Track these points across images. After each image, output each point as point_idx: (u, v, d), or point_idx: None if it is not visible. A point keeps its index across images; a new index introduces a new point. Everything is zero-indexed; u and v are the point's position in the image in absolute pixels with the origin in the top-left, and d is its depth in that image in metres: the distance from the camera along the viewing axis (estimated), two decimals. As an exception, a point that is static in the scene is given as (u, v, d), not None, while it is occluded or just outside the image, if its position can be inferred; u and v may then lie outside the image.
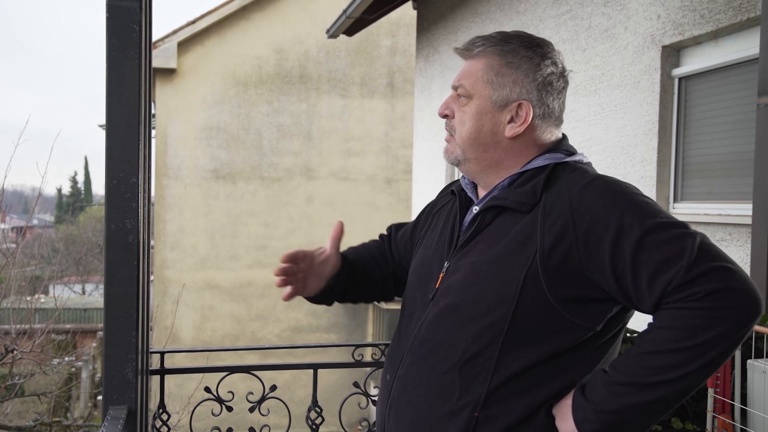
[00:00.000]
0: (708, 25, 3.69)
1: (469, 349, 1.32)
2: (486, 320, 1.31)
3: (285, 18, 10.89)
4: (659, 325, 1.22)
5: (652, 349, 1.21)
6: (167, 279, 10.59)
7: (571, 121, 4.96)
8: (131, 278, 1.72)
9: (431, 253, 1.49)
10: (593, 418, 1.25)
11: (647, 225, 1.23)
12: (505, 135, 1.41)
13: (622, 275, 1.24)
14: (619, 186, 1.31)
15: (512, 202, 1.36)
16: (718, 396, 2.45)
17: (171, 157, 10.66)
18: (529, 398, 1.31)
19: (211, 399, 2.33)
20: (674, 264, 1.19)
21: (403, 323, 1.50)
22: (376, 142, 11.32)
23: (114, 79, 1.69)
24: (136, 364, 1.74)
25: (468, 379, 1.32)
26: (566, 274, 1.27)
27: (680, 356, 1.19)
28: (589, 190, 1.30)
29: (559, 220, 1.29)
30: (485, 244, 1.37)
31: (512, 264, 1.31)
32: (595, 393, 1.26)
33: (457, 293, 1.36)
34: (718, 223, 3.62)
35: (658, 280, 1.20)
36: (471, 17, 6.54)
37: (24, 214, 23.43)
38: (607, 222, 1.25)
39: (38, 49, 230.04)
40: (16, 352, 5.08)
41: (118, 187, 1.72)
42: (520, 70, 1.40)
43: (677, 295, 1.19)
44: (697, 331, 1.17)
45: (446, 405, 1.33)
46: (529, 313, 1.29)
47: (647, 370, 1.21)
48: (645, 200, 1.29)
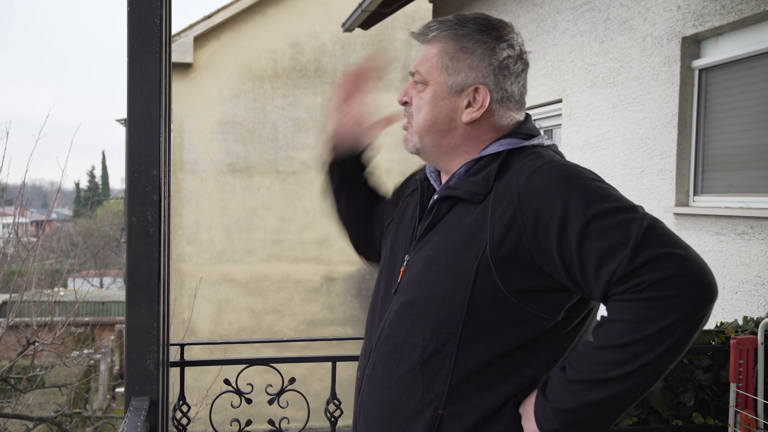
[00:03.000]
0: (729, 15, 3.64)
1: (428, 347, 1.29)
2: (441, 316, 1.28)
3: (300, 12, 10.89)
4: (609, 319, 1.18)
5: (603, 343, 1.17)
6: (184, 272, 10.66)
7: (589, 114, 4.92)
8: (152, 270, 1.73)
9: (396, 243, 1.47)
10: (552, 418, 1.21)
11: (592, 211, 1.17)
12: (462, 120, 1.38)
13: (570, 264, 1.19)
14: (568, 170, 1.25)
15: (464, 192, 1.32)
16: (741, 391, 2.42)
17: (187, 151, 10.71)
18: (495, 393, 1.28)
19: (230, 391, 2.34)
20: (618, 252, 1.14)
21: (373, 317, 1.47)
22: (392, 136, 11.18)
23: (135, 73, 1.70)
24: (158, 356, 1.75)
25: (429, 376, 1.30)
26: (517, 265, 1.23)
27: (631, 350, 1.14)
28: (537, 177, 1.24)
29: (507, 210, 1.24)
30: (440, 236, 1.34)
31: (464, 257, 1.27)
32: (552, 391, 1.22)
33: (414, 289, 1.34)
34: (739, 216, 3.58)
35: (603, 269, 1.15)
36: (487, 10, 6.50)
37: (43, 209, 23.65)
38: (552, 209, 1.20)
39: (55, 44, 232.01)
40: (38, 344, 5.14)
41: (139, 179, 1.72)
42: (475, 55, 1.37)
43: (622, 286, 1.14)
44: (645, 323, 1.12)
45: (410, 403, 1.32)
46: (485, 306, 1.25)
47: (599, 366, 1.17)
48: (595, 185, 1.23)
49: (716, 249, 3.70)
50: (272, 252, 10.98)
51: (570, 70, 5.19)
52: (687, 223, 3.93)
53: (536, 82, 5.67)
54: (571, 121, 5.20)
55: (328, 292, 11.24)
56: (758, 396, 2.43)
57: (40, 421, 5.43)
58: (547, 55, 5.50)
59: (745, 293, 3.53)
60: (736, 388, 2.43)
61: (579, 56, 5.06)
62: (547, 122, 5.79)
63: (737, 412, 2.43)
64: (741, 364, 2.42)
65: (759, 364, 2.44)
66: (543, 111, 5.74)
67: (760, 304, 3.41)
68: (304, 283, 11.13)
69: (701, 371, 2.52)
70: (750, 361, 2.43)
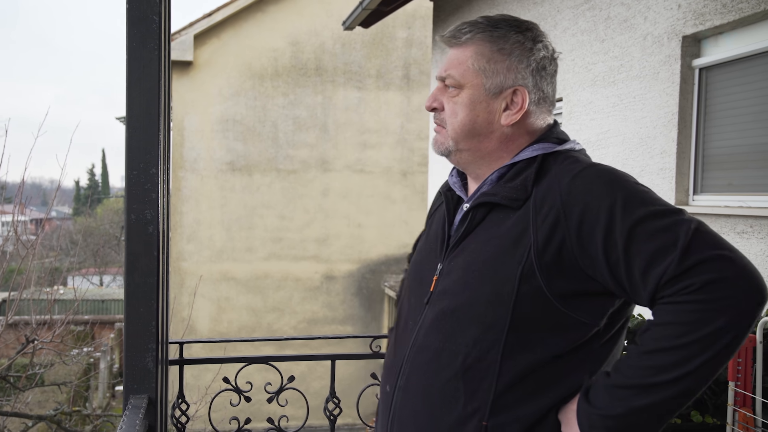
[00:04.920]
0: (730, 14, 3.64)
1: (470, 354, 1.26)
2: (485, 323, 1.25)
3: (301, 10, 10.89)
4: (658, 322, 1.16)
5: (652, 347, 1.15)
6: (184, 271, 10.67)
7: (589, 113, 4.92)
8: (151, 268, 1.73)
9: (424, 256, 1.45)
10: (599, 424, 1.19)
11: (639, 214, 1.17)
12: (501, 123, 1.35)
13: (616, 266, 1.18)
14: (611, 174, 1.26)
15: (503, 198, 1.30)
16: (739, 389, 2.42)
17: (188, 150, 10.71)
18: (537, 403, 1.25)
19: (229, 389, 2.34)
20: (667, 254, 1.13)
21: (399, 329, 1.43)
22: (392, 135, 11.30)
23: (134, 70, 1.70)
24: (157, 354, 1.75)
25: (472, 386, 1.26)
26: (562, 269, 1.22)
27: (682, 353, 1.12)
28: (580, 180, 1.24)
29: (551, 214, 1.23)
30: (477, 243, 1.31)
31: (507, 262, 1.25)
32: (598, 398, 1.20)
33: (453, 296, 1.30)
34: (738, 216, 3.58)
35: (652, 272, 1.15)
36: (488, 8, 6.49)
37: (43, 207, 23.67)
38: (598, 212, 1.19)
39: (57, 42, 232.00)
40: (37, 342, 5.14)
41: (138, 177, 1.72)
42: (513, 56, 1.35)
43: (672, 288, 1.13)
44: (696, 325, 1.11)
45: (452, 414, 1.27)
46: (529, 312, 1.23)
47: (649, 370, 1.15)
48: (638, 188, 1.23)
49: (716, 248, 3.70)
50: (272, 250, 10.99)
51: (570, 68, 5.19)
52: (687, 222, 3.93)
53: (536, 81, 5.66)
54: (571, 120, 5.20)
55: (328, 290, 11.25)
56: (756, 394, 2.43)
57: (39, 420, 5.44)
58: (548, 53, 5.49)
59: (744, 292, 3.53)
60: (734, 387, 2.43)
61: (579, 55, 5.06)
62: (547, 121, 5.79)
63: (735, 410, 2.43)
64: (740, 362, 2.42)
65: (757, 362, 2.44)
66: (543, 110, 5.73)
67: (760, 304, 3.41)
68: (303, 281, 11.14)
69: (700, 370, 2.52)
70: (749, 359, 2.43)
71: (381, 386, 1.45)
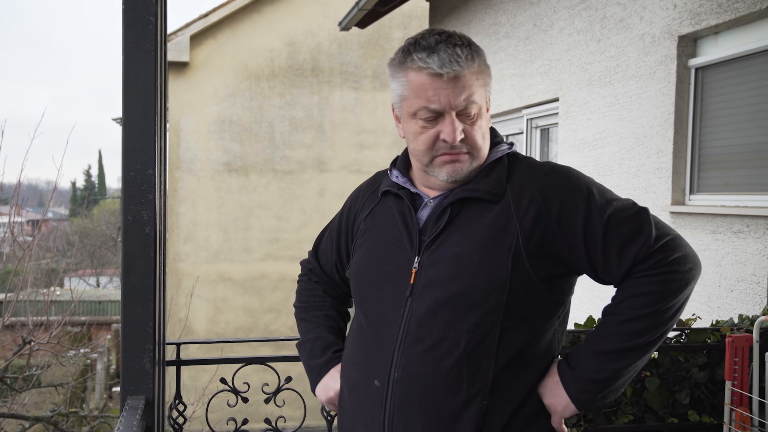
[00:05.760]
0: (726, 14, 3.64)
1: (471, 339, 1.33)
2: (483, 308, 1.34)
3: (297, 11, 10.88)
4: (634, 293, 1.34)
5: (631, 315, 1.34)
6: (181, 272, 10.65)
7: (586, 113, 4.93)
8: (148, 269, 1.73)
9: (384, 252, 1.45)
10: (589, 389, 1.36)
11: (610, 204, 1.37)
12: None
13: (593, 249, 1.35)
14: (573, 170, 1.43)
15: (485, 193, 1.39)
16: (736, 388, 2.43)
17: (184, 151, 10.70)
18: (525, 378, 1.38)
19: (226, 390, 2.34)
20: (639, 236, 1.34)
21: (372, 324, 1.44)
22: (389, 135, 11.29)
23: (130, 71, 1.70)
24: (154, 354, 1.75)
25: (474, 368, 1.34)
26: (543, 254, 1.35)
27: (656, 318, 1.33)
28: (553, 176, 1.40)
29: (531, 206, 1.36)
30: (458, 235, 1.38)
31: (497, 251, 1.35)
32: (584, 365, 1.37)
33: (445, 286, 1.35)
34: (735, 215, 3.59)
35: (627, 251, 1.34)
36: (484, 9, 6.50)
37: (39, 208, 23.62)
38: (576, 203, 1.36)
39: (54, 43, 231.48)
40: (34, 344, 5.13)
41: (135, 178, 1.72)
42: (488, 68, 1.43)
43: (646, 263, 1.34)
44: (666, 293, 1.33)
45: (458, 398, 1.34)
46: (520, 295, 1.34)
47: (630, 335, 1.34)
48: (597, 182, 1.42)
49: (712, 248, 3.71)
50: (269, 251, 10.97)
51: (567, 68, 5.19)
52: (683, 222, 3.94)
53: (533, 81, 5.67)
54: (567, 120, 5.21)
55: (325, 291, 11.22)
56: (753, 394, 2.43)
57: (36, 421, 5.42)
58: (544, 53, 5.50)
59: (740, 291, 3.54)
60: (731, 386, 2.43)
61: (576, 55, 5.06)
62: (544, 121, 5.80)
63: (732, 409, 2.43)
64: (736, 362, 2.42)
65: (754, 362, 2.45)
66: (539, 110, 5.74)
67: (756, 303, 3.42)
68: (301, 282, 11.12)
69: (697, 369, 2.52)
70: (745, 359, 2.44)
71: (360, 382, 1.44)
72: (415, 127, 1.41)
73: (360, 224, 1.55)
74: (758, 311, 3.19)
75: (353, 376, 1.47)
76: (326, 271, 1.70)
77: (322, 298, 1.70)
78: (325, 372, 1.59)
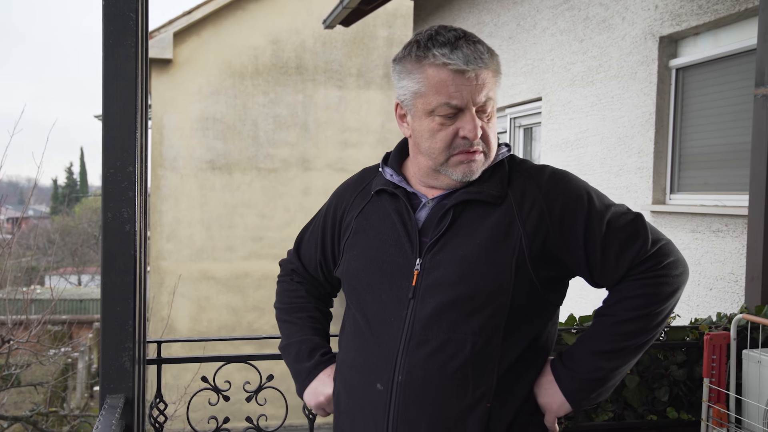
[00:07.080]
0: (706, 15, 3.68)
1: (477, 342, 1.33)
2: (488, 310, 1.33)
3: (281, 8, 10.84)
4: (629, 295, 1.37)
5: (626, 317, 1.36)
6: (163, 270, 10.58)
7: (568, 113, 4.96)
8: (128, 267, 1.72)
9: (381, 252, 1.42)
10: (584, 387, 1.39)
11: (608, 209, 1.39)
12: None
13: (592, 253, 1.37)
14: (571, 174, 1.45)
15: (487, 195, 1.38)
16: (713, 386, 2.46)
17: (167, 148, 10.62)
18: (525, 380, 1.39)
19: (208, 389, 2.33)
20: (636, 242, 1.37)
21: (373, 327, 1.41)
22: (373, 134, 11.29)
23: (110, 68, 1.69)
24: (133, 353, 1.74)
25: (479, 370, 1.34)
26: (545, 257, 1.36)
27: (650, 320, 1.36)
28: (553, 180, 1.41)
29: (534, 209, 1.37)
30: (461, 237, 1.36)
31: (501, 253, 1.34)
32: (579, 364, 1.39)
33: (450, 288, 1.34)
34: (714, 214, 3.63)
35: (625, 255, 1.36)
36: (468, 8, 6.51)
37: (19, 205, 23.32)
38: (577, 206, 1.37)
39: (34, 39, 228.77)
40: (13, 343, 5.07)
41: (115, 176, 1.71)
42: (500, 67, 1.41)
43: (641, 267, 1.36)
44: (660, 296, 1.36)
45: (464, 400, 1.33)
46: (522, 297, 1.35)
47: (624, 336, 1.36)
48: (592, 186, 1.44)
49: (692, 246, 3.75)
50: (252, 249, 10.93)
51: (550, 68, 5.22)
52: (664, 221, 3.98)
53: (516, 80, 5.70)
54: (550, 119, 5.24)
55: (309, 289, 11.20)
56: (730, 391, 2.47)
57: (14, 421, 5.37)
58: (527, 53, 5.53)
59: (719, 290, 3.58)
60: (709, 383, 2.46)
61: (558, 55, 5.09)
62: (527, 120, 5.83)
63: (710, 406, 2.46)
64: (714, 359, 2.45)
65: (731, 359, 2.48)
66: (523, 109, 5.77)
67: (734, 301, 3.47)
68: (284, 280, 11.08)
69: (676, 367, 2.55)
70: (723, 356, 2.47)
71: (359, 386, 1.41)
72: (431, 125, 1.36)
73: (350, 223, 1.50)
74: (736, 309, 3.23)
75: (351, 380, 1.44)
76: (309, 270, 1.65)
77: (305, 299, 1.66)
78: (314, 376, 1.55)
